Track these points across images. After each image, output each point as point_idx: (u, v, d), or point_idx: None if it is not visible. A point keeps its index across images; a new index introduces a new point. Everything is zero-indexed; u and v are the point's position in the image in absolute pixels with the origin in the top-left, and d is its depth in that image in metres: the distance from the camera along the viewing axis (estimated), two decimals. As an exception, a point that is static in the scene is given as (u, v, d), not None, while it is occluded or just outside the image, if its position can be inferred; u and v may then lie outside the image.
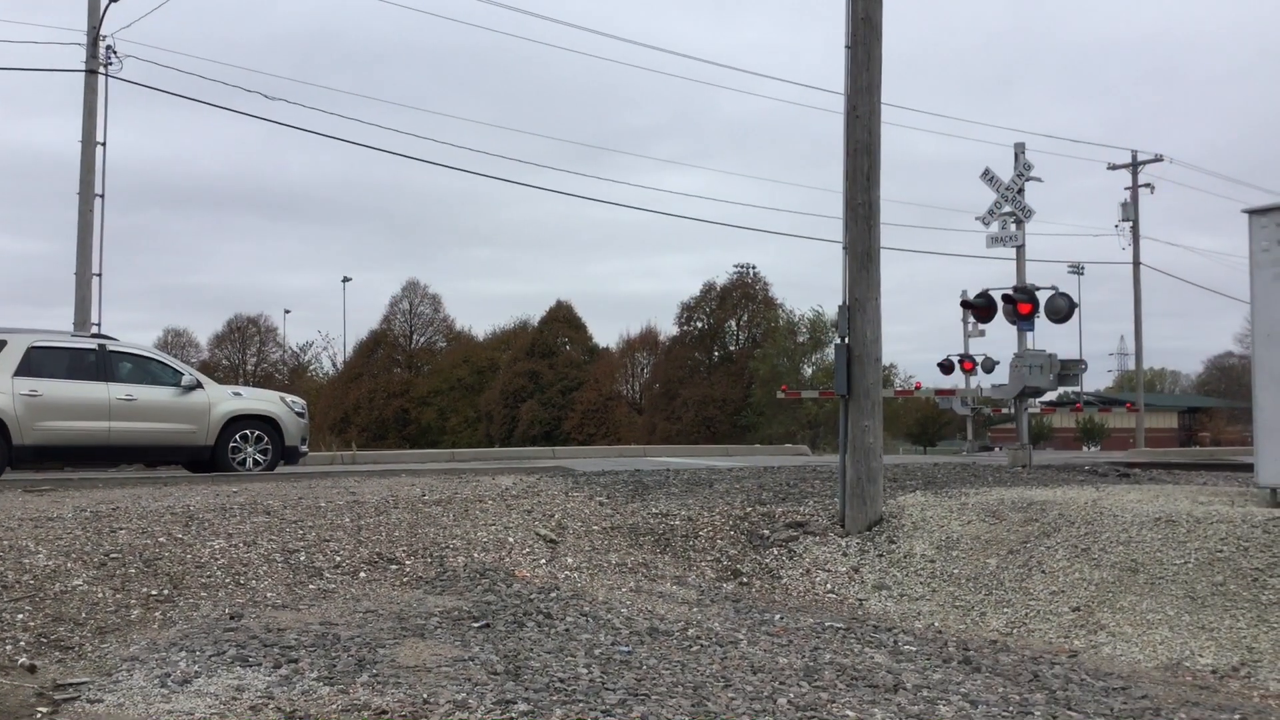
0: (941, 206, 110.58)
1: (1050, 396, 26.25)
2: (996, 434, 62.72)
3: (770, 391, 50.88)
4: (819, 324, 56.66)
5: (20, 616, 6.79)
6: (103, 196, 21.74)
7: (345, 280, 72.55)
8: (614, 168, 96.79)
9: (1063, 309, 17.95)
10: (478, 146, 58.45)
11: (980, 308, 19.12)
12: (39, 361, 13.87)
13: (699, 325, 64.83)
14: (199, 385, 14.80)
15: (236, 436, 14.85)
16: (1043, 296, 17.90)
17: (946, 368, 29.59)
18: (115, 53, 21.54)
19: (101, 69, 21.51)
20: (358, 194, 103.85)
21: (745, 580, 9.59)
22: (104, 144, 21.68)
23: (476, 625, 7.06)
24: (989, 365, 28.43)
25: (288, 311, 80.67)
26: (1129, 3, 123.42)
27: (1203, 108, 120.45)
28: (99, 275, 21.64)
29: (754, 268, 65.14)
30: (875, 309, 10.81)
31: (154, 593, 7.51)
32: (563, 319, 69.75)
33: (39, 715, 5.26)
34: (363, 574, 8.35)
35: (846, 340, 10.85)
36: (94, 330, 19.86)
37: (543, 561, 9.15)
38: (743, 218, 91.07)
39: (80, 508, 9.18)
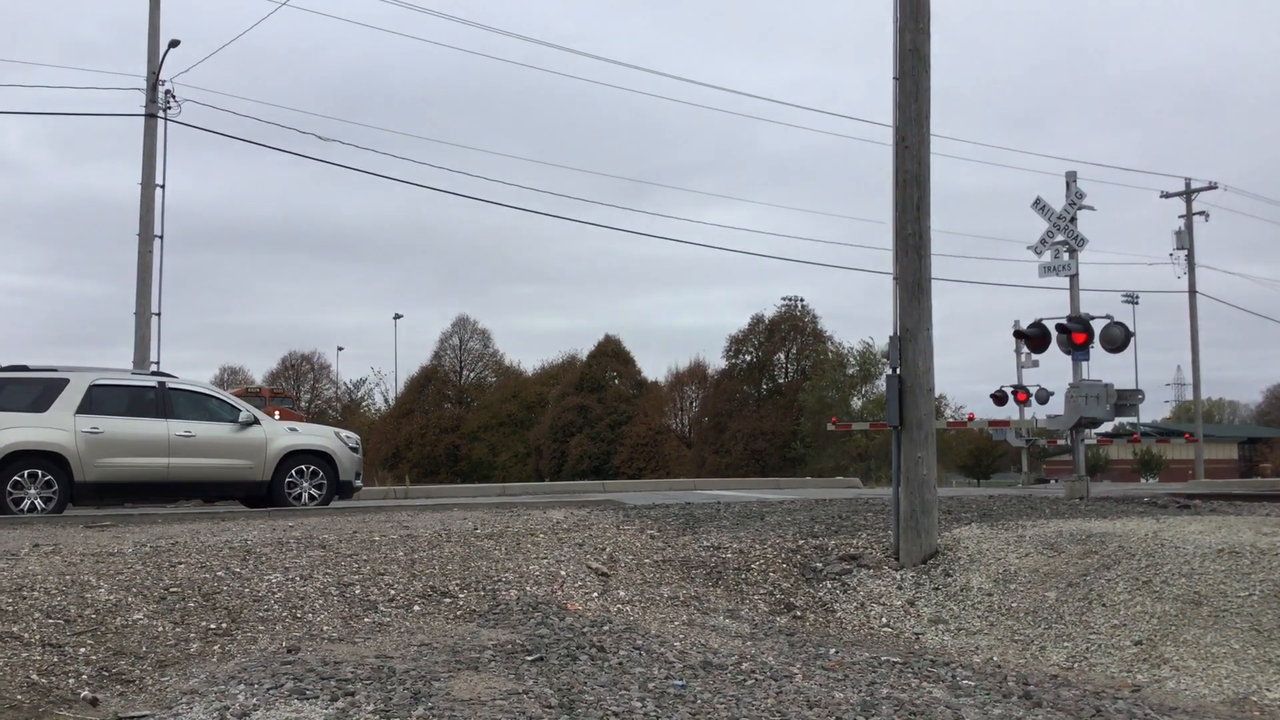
0: (986, 236, 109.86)
1: (1107, 428, 25.86)
2: (1052, 466, 61.83)
3: (819, 424, 50.55)
4: (868, 356, 56.32)
5: (83, 650, 6.89)
6: (162, 238, 22.23)
7: (397, 317, 73.47)
8: (657, 203, 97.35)
9: (1118, 338, 17.70)
10: (523, 183, 59.20)
11: (1034, 338, 18.90)
12: (100, 399, 14.13)
13: (747, 358, 64.63)
14: (256, 421, 15.00)
15: (292, 471, 15.02)
16: (1097, 326, 17.66)
17: (1000, 399, 29.25)
18: (174, 97, 22.11)
19: (161, 113, 22.05)
20: (406, 232, 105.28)
21: (799, 614, 9.51)
22: (163, 186, 22.20)
23: (530, 658, 7.06)
24: (1043, 396, 28.08)
25: (341, 349, 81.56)
26: (1168, 35, 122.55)
27: (1250, 136, 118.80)
28: (158, 314, 22.10)
29: (802, 300, 64.97)
30: (927, 339, 10.74)
31: (213, 626, 7.60)
32: (611, 353, 69.88)
33: (102, 747, 5.33)
34: (417, 607, 8.39)
35: (898, 371, 10.78)
36: (153, 368, 20.22)
37: (595, 595, 9.14)
38: (786, 250, 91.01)
39: (140, 543, 9.33)
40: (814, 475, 44.47)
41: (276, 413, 35.02)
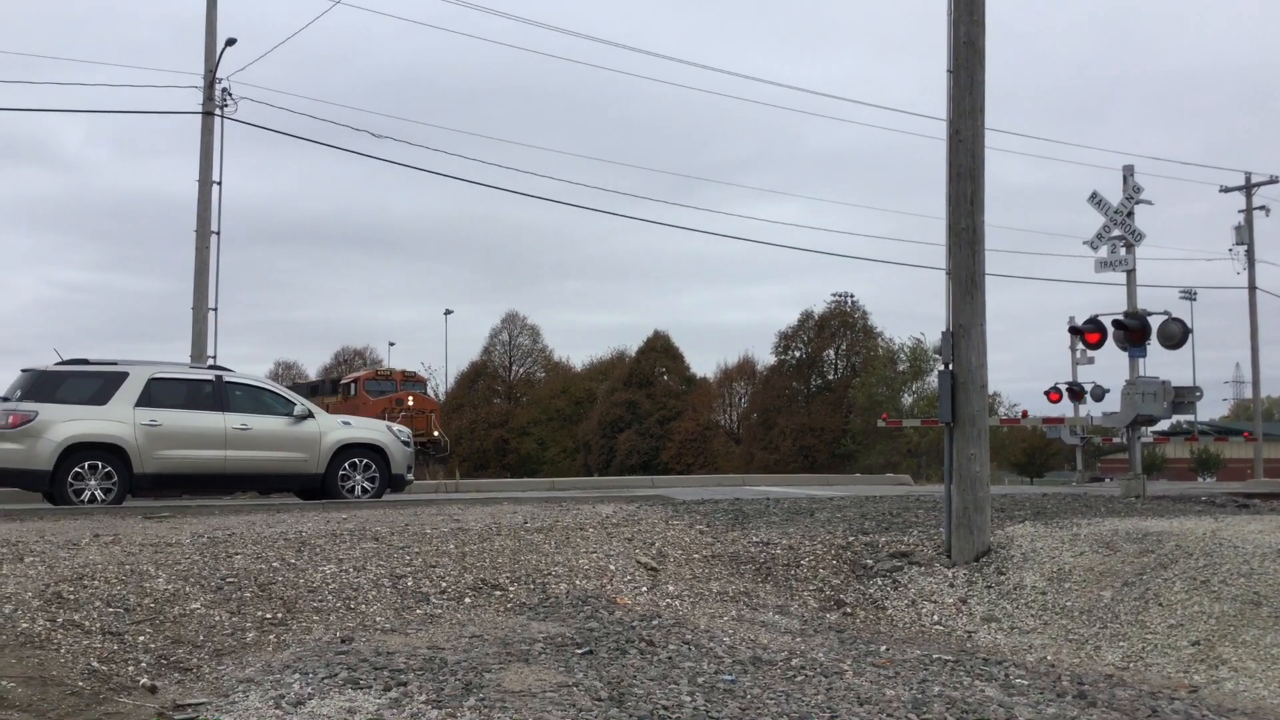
0: (1037, 231, 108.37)
1: (1163, 426, 25.41)
2: (1106, 465, 60.97)
3: (869, 420, 50.25)
4: (919, 352, 55.81)
5: (141, 639, 7.02)
6: (218, 234, 22.53)
7: (447, 313, 73.84)
8: (706, 198, 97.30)
9: (1176, 334, 17.40)
10: (572, 179, 59.56)
11: (1090, 334, 18.62)
12: (159, 393, 14.39)
13: (797, 354, 64.41)
14: (310, 415, 15.18)
15: (346, 465, 15.19)
16: (1155, 322, 17.37)
17: (1054, 396, 28.90)
18: (230, 95, 22.38)
19: (218, 111, 22.35)
20: (456, 228, 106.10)
21: (849, 610, 9.46)
22: (220, 183, 22.49)
23: (580, 651, 7.09)
24: (1099, 393, 27.71)
25: (392, 344, 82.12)
26: (1224, 28, 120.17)
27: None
28: (215, 310, 22.40)
29: (852, 296, 64.69)
30: (980, 335, 10.63)
31: (268, 616, 7.71)
32: (660, 349, 69.96)
33: (161, 733, 5.43)
34: (468, 599, 8.46)
35: (950, 367, 10.68)
36: (210, 362, 20.52)
37: (644, 589, 9.15)
38: (836, 246, 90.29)
39: (198, 534, 9.48)
40: (864, 472, 44.20)
41: (410, 398, 35.86)
